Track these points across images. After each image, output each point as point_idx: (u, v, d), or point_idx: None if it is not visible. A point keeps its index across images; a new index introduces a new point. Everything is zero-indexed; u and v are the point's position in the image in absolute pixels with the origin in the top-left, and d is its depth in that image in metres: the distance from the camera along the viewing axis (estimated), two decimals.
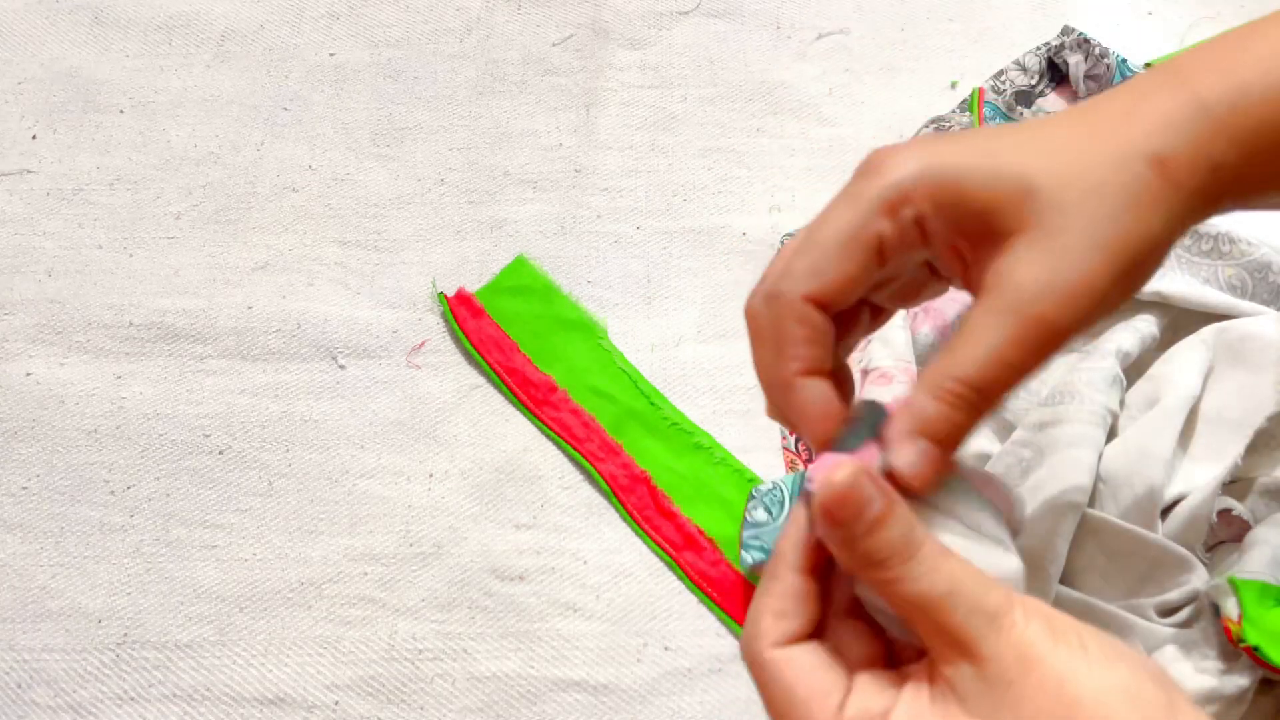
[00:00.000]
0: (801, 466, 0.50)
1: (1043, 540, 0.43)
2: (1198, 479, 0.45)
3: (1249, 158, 0.29)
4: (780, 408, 0.31)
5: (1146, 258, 0.29)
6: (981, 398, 0.29)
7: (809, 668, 0.29)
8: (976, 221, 0.29)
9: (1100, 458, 0.45)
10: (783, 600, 0.30)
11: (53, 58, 0.65)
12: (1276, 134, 0.29)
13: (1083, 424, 0.45)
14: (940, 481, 0.31)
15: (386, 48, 0.65)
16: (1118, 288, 0.29)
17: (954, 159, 0.30)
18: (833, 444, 0.31)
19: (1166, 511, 0.45)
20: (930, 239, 0.30)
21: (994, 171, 0.29)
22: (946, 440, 0.30)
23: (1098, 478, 0.44)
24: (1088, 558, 0.44)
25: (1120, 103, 0.30)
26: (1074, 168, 0.29)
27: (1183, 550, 0.42)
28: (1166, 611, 0.41)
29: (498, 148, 0.61)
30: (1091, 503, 0.44)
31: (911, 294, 0.34)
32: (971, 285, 0.31)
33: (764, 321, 0.31)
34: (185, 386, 0.54)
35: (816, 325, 0.30)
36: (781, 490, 0.48)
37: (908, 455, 0.30)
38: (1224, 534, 0.44)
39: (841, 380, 0.32)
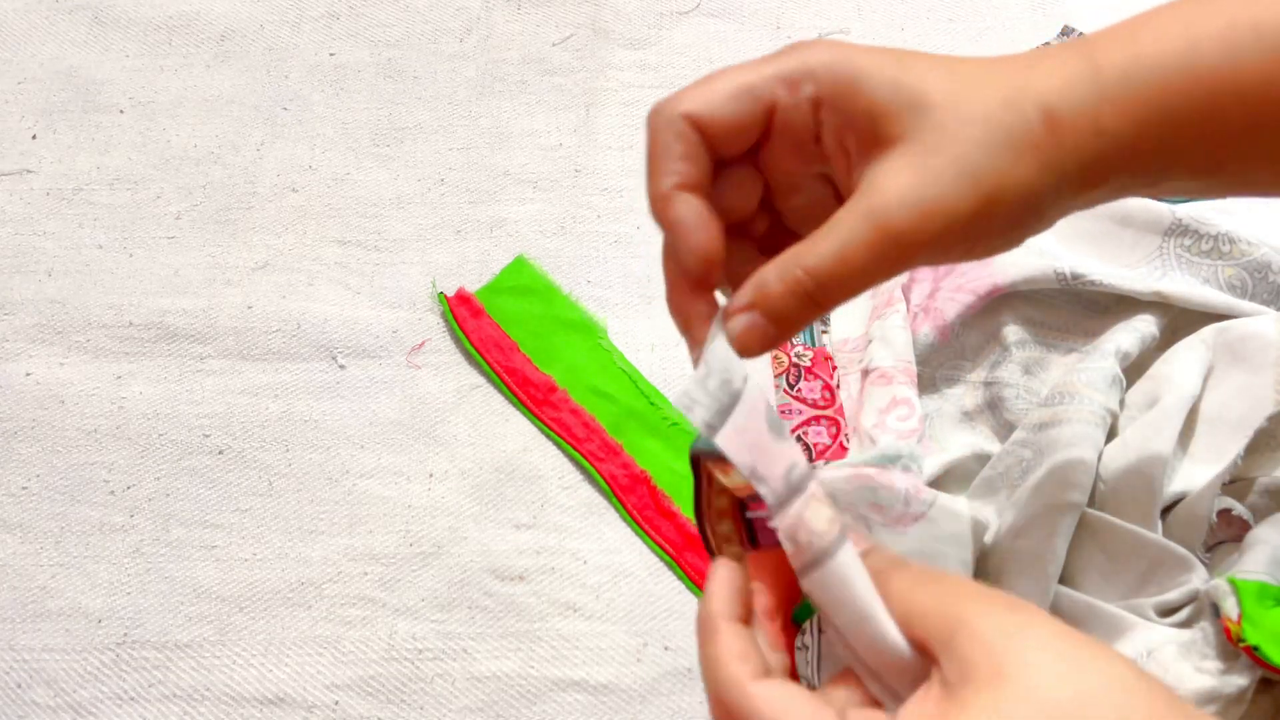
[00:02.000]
0: None
1: (1042, 540, 0.43)
2: (1198, 479, 0.45)
3: (1139, 128, 0.30)
4: (660, 224, 0.32)
5: (1012, 199, 0.30)
6: (821, 290, 0.30)
7: (800, 699, 0.28)
8: (866, 120, 0.30)
9: (1100, 458, 0.45)
10: (735, 643, 0.29)
11: (53, 58, 0.65)
12: (1168, 106, 0.30)
13: (1082, 424, 0.45)
14: (763, 351, 0.32)
15: (386, 48, 0.65)
16: (975, 218, 0.29)
17: (864, 59, 0.31)
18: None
19: (1166, 511, 0.45)
20: (822, 126, 0.31)
21: (894, 80, 0.30)
22: (778, 320, 0.31)
23: (1098, 478, 0.44)
24: (1087, 558, 0.44)
25: (1029, 55, 0.31)
26: (968, 93, 0.30)
27: (1183, 550, 0.42)
28: (1166, 611, 0.41)
29: (498, 148, 0.61)
30: (1091, 503, 0.44)
31: (814, 216, 0.34)
32: (850, 187, 0.31)
33: (648, 134, 0.32)
34: (185, 386, 0.54)
35: (692, 141, 0.31)
36: None
37: (739, 322, 0.31)
38: (1224, 534, 0.44)
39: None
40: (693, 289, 0.33)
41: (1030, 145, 0.30)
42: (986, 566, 0.44)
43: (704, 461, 0.37)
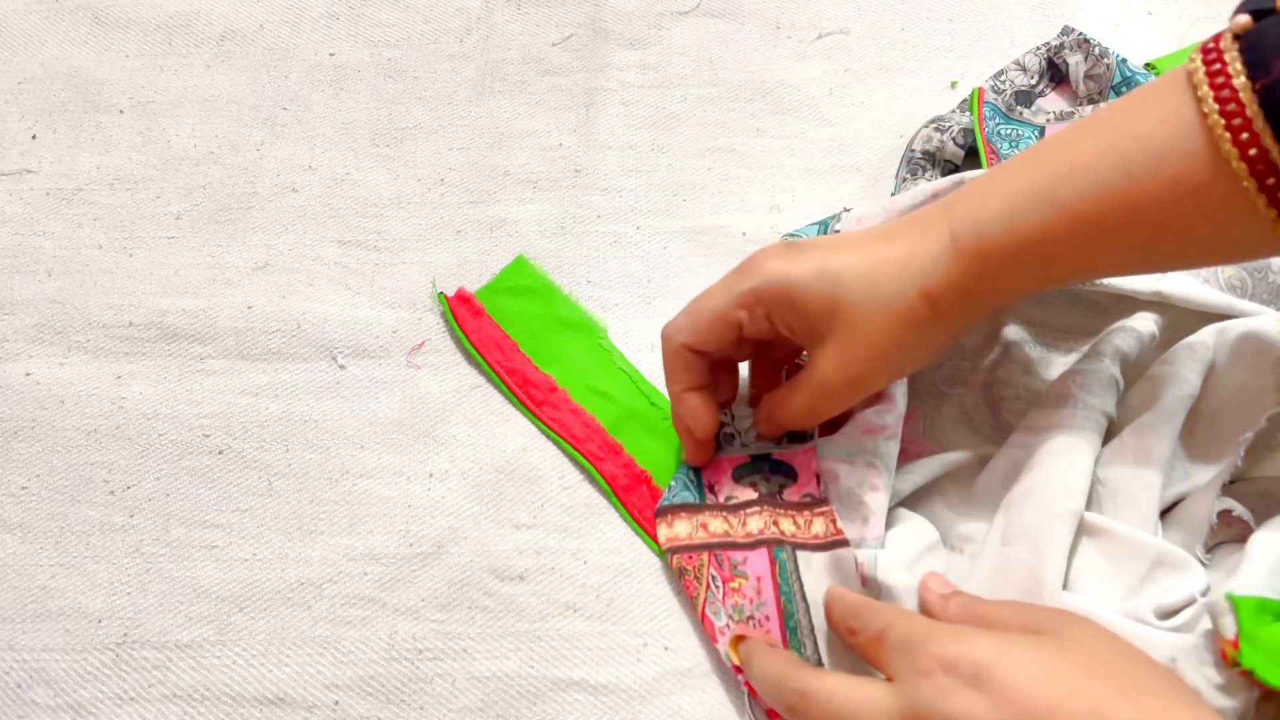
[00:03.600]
0: None
1: (1040, 546, 0.42)
2: (1197, 479, 0.45)
3: (991, 282, 0.40)
4: (674, 410, 0.47)
5: (914, 362, 0.43)
6: (792, 427, 0.47)
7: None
8: (803, 324, 0.43)
9: (1097, 460, 0.45)
10: None
11: (53, 58, 0.65)
12: (1010, 261, 0.39)
13: (1077, 428, 0.45)
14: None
15: (386, 48, 0.65)
16: (889, 378, 0.44)
17: (796, 274, 0.42)
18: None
19: (1166, 512, 0.45)
20: (776, 325, 0.44)
21: (818, 291, 0.42)
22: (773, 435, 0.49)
23: (1096, 480, 0.44)
24: (1086, 561, 0.44)
25: (907, 242, 0.41)
26: (871, 292, 0.41)
27: (1182, 552, 0.42)
28: (1166, 614, 0.41)
29: (498, 148, 0.61)
30: (1090, 505, 0.44)
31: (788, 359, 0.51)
32: (801, 352, 0.49)
33: (662, 353, 0.47)
34: (185, 386, 0.54)
35: (690, 361, 0.46)
36: None
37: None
38: (1224, 534, 0.44)
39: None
40: (696, 444, 0.48)
41: (920, 322, 0.41)
42: (982, 571, 0.44)
43: (656, 521, 0.48)
